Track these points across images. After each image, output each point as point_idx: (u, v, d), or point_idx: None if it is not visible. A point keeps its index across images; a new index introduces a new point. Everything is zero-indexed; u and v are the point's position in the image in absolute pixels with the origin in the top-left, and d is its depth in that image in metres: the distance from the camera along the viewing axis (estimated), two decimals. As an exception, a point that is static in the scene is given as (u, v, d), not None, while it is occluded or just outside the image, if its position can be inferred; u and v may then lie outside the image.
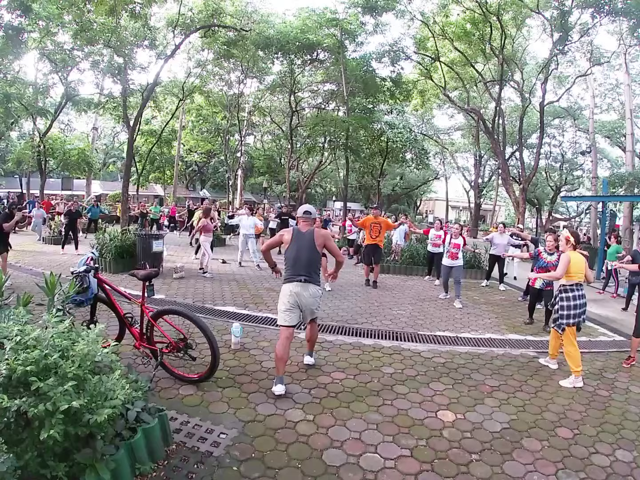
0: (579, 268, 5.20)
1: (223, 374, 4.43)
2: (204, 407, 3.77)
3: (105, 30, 15.98)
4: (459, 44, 23.28)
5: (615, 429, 4.03)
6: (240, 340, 5.34)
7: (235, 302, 7.60)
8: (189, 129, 36.00)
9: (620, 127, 29.30)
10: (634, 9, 17.19)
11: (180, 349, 4.10)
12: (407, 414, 3.94)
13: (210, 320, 6.28)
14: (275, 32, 23.11)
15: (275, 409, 3.82)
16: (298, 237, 4.43)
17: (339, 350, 5.48)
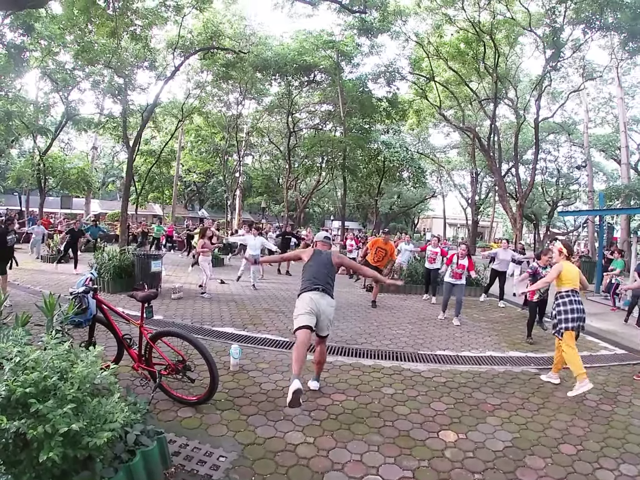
0: (572, 276, 5.35)
1: (222, 396, 4.37)
2: (202, 429, 3.73)
3: (106, 51, 16.26)
4: (453, 64, 23.72)
5: (619, 443, 3.99)
6: (239, 362, 5.29)
7: (234, 323, 7.53)
8: (187, 149, 36.30)
9: (615, 140, 29.64)
10: (625, 23, 17.57)
11: (179, 371, 4.07)
12: (409, 435, 3.89)
13: (209, 341, 6.23)
14: (272, 54, 23.54)
15: (275, 431, 3.78)
16: (317, 255, 4.74)
17: (339, 372, 5.42)
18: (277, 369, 5.33)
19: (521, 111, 24.65)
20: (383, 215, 43.63)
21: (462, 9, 19.99)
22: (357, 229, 39.97)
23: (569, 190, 38.70)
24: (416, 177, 31.27)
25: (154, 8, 15.55)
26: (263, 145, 38.92)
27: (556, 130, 32.65)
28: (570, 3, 18.11)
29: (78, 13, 13.14)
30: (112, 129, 24.81)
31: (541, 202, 38.03)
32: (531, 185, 23.84)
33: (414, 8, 21.47)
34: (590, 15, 18.38)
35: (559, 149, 37.34)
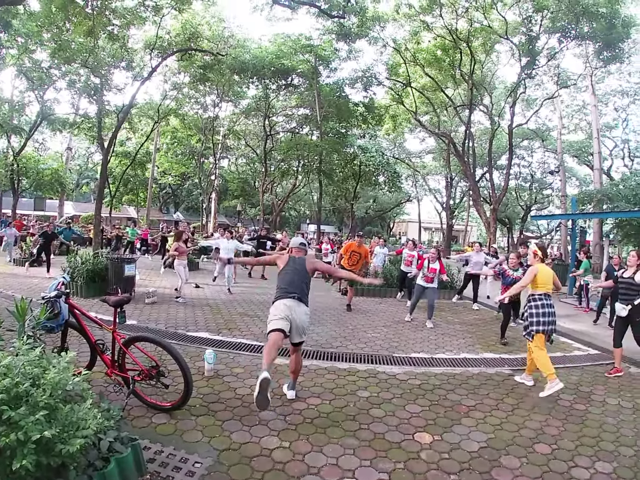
0: (546, 279, 5.42)
1: (196, 402, 4.33)
2: (177, 435, 3.69)
3: (83, 50, 16.00)
4: (430, 70, 24.02)
5: (594, 442, 4.09)
6: (214, 367, 5.24)
7: (209, 328, 7.45)
8: (163, 151, 35.94)
9: (588, 147, 30.48)
10: (600, 32, 18.08)
11: (153, 377, 4.02)
12: (384, 438, 3.91)
13: (183, 346, 6.16)
14: (250, 57, 23.50)
15: (251, 436, 3.76)
16: (292, 262, 4.71)
17: (314, 375, 5.42)
18: (252, 374, 5.28)
19: (496, 117, 25.15)
20: (359, 219, 43.87)
21: (440, 16, 20.28)
22: (333, 233, 40.10)
23: (542, 195, 39.64)
24: (392, 181, 31.54)
25: (133, 8, 15.35)
26: (239, 148, 38.79)
27: (530, 136, 33.40)
28: (547, 12, 18.59)
29: (56, 11, 12.90)
30: (87, 129, 24.39)
31: (515, 207, 38.82)
32: (505, 190, 24.30)
33: (393, 14, 21.68)
34: (566, 25, 18.90)
35: (532, 154, 38.33)
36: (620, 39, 19.20)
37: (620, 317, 6.17)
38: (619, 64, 23.41)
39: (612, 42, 19.11)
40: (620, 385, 5.83)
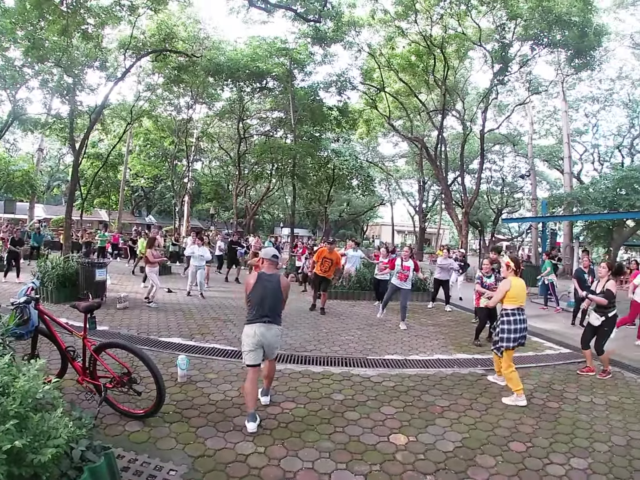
0: (520, 292, 5.41)
1: (170, 409, 4.29)
2: (151, 443, 3.65)
3: (57, 49, 15.66)
4: (404, 75, 24.21)
5: (568, 439, 4.18)
6: (187, 373, 5.20)
7: (181, 333, 7.37)
8: (136, 153, 35.26)
9: (558, 151, 31.22)
10: (572, 40, 18.48)
11: (125, 384, 3.97)
12: (360, 440, 3.94)
13: (156, 352, 6.09)
14: (225, 59, 23.32)
15: (225, 442, 3.74)
16: (264, 279, 4.48)
17: (288, 379, 5.42)
18: (225, 379, 5.27)
19: (468, 122, 25.59)
20: (333, 222, 44.02)
21: (415, 22, 20.45)
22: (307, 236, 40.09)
23: (513, 198, 40.45)
24: (365, 185, 31.75)
25: (108, 7, 15.03)
26: (213, 151, 38.45)
27: (501, 141, 34.05)
28: (520, 20, 18.89)
29: (30, 8, 12.60)
30: (59, 130, 23.81)
31: (486, 210, 39.48)
32: (476, 194, 24.68)
33: (368, 20, 21.79)
34: (538, 32, 19.25)
35: (504, 159, 39.06)
36: (592, 47, 19.68)
37: (592, 325, 6.35)
38: (590, 71, 24.11)
39: (584, 49, 19.57)
40: (592, 382, 5.99)
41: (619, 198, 19.96)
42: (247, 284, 4.54)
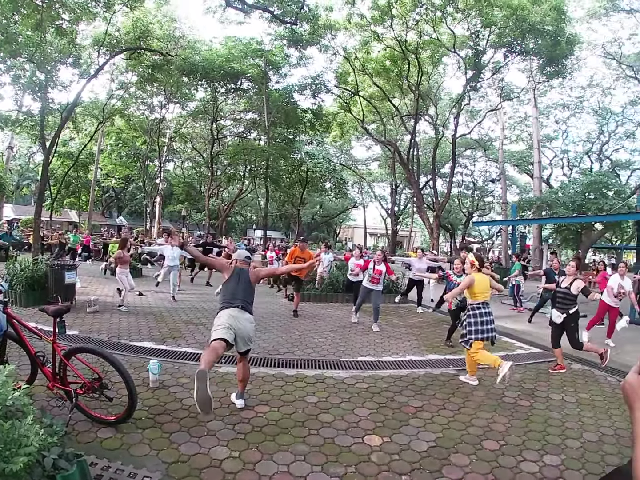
0: (484, 288, 5.62)
1: (142, 414, 4.22)
2: (124, 450, 3.58)
3: (30, 44, 15.25)
4: (378, 80, 24.41)
5: (540, 436, 4.27)
6: (159, 378, 5.12)
7: (153, 337, 7.25)
8: (107, 153, 34.64)
9: (528, 156, 31.92)
10: (545, 48, 18.94)
11: (96, 390, 3.88)
12: (334, 442, 3.94)
13: (127, 357, 5.99)
14: (200, 58, 23.19)
15: (199, 447, 3.70)
16: (237, 274, 4.68)
17: (262, 383, 5.39)
18: (198, 384, 5.23)
19: (440, 127, 25.95)
20: (305, 224, 44.07)
21: (391, 27, 20.64)
22: (279, 239, 40.02)
23: (483, 202, 41.23)
24: (338, 187, 31.94)
25: (84, 2, 14.76)
26: (185, 152, 38.03)
27: (473, 146, 34.67)
28: (495, 28, 19.24)
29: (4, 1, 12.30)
30: (29, 127, 23.21)
31: (457, 213, 40.14)
32: (447, 197, 25.10)
33: (344, 23, 21.89)
34: (512, 40, 19.68)
35: (475, 163, 39.82)
36: (564, 55, 20.23)
37: (555, 323, 6.53)
38: (562, 78, 24.87)
39: (556, 58, 20.11)
40: (563, 381, 6.15)
41: (587, 202, 20.52)
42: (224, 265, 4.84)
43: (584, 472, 3.66)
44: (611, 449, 4.11)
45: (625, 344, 8.54)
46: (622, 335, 8.90)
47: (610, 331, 8.67)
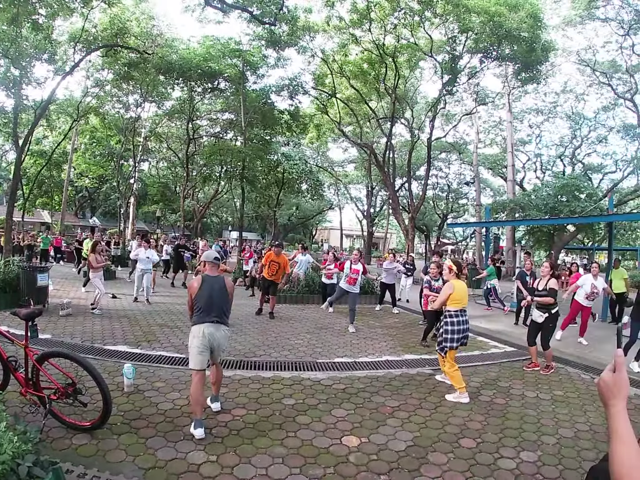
0: (462, 295, 5.62)
1: (118, 420, 4.16)
2: (100, 456, 3.53)
3: (5, 39, 14.86)
4: (355, 82, 24.46)
5: (517, 433, 4.36)
6: (134, 382, 5.05)
7: (127, 341, 7.15)
8: (81, 152, 33.89)
9: (502, 160, 32.52)
10: (520, 55, 19.23)
11: (70, 395, 3.82)
12: (312, 444, 3.95)
13: (101, 361, 5.90)
14: (178, 57, 22.88)
15: (176, 452, 3.67)
16: (209, 281, 4.48)
17: (238, 386, 5.37)
18: (174, 387, 5.17)
19: (416, 130, 26.23)
20: (282, 226, 43.97)
21: (369, 30, 20.69)
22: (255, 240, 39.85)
23: (458, 204, 41.78)
24: (314, 189, 31.90)
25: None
26: (161, 151, 37.45)
27: (448, 149, 35.09)
28: (472, 33, 19.45)
29: None
30: (2, 125, 22.58)
31: (432, 215, 40.58)
32: (422, 199, 25.33)
33: (323, 25, 21.86)
34: (488, 46, 19.92)
35: (449, 166, 40.29)
36: (539, 61, 20.56)
37: (535, 322, 6.67)
38: (536, 84, 25.18)
39: (531, 64, 20.43)
40: (537, 379, 6.28)
41: (560, 204, 20.99)
42: (191, 288, 4.51)
43: (561, 468, 3.74)
44: (587, 444, 4.22)
45: (598, 342, 8.80)
46: (595, 334, 9.23)
47: (582, 330, 8.93)
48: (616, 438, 1.15)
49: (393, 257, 12.08)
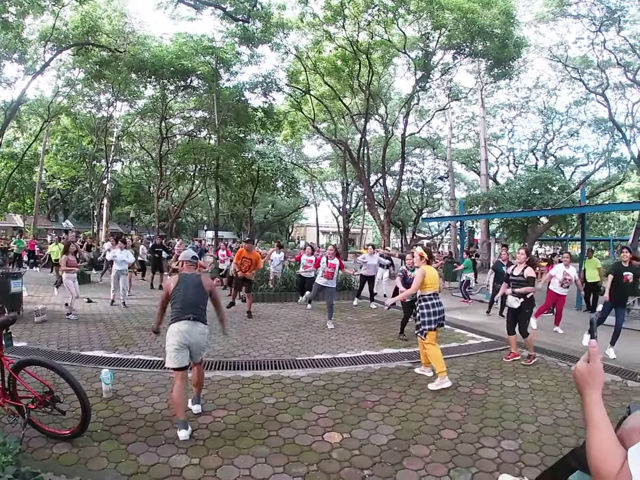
0: (434, 279, 5.80)
1: (97, 426, 4.11)
2: (82, 464, 3.49)
3: None
4: (329, 79, 24.53)
5: (497, 422, 4.44)
6: (112, 388, 4.98)
7: (104, 346, 7.06)
8: (52, 153, 33.16)
9: (475, 154, 32.98)
10: (493, 51, 19.58)
11: (48, 403, 3.76)
12: (294, 442, 3.96)
13: (78, 367, 5.82)
14: (150, 55, 22.64)
15: (158, 457, 3.64)
16: (185, 280, 4.49)
17: (218, 387, 5.35)
18: (153, 391, 5.13)
19: (390, 127, 26.44)
20: (258, 224, 43.75)
21: (343, 27, 20.75)
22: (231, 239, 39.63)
23: (432, 199, 42.17)
24: (290, 186, 31.84)
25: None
26: (134, 151, 36.83)
27: (422, 144, 35.37)
28: (445, 30, 19.67)
29: None
30: (-28, 127, 22.05)
31: (407, 210, 40.87)
32: (397, 195, 25.56)
33: (297, 22, 21.85)
34: (461, 42, 20.19)
35: (424, 161, 40.55)
36: (512, 57, 20.94)
37: (512, 308, 6.81)
38: (509, 80, 25.62)
39: (504, 60, 20.82)
40: (515, 368, 6.41)
41: (532, 197, 21.37)
42: (168, 287, 4.52)
43: (542, 455, 3.82)
44: (566, 430, 4.33)
45: (574, 330, 9.02)
46: (571, 322, 9.47)
47: (558, 319, 9.19)
48: (592, 426, 1.20)
49: (372, 249, 12.15)
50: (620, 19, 19.92)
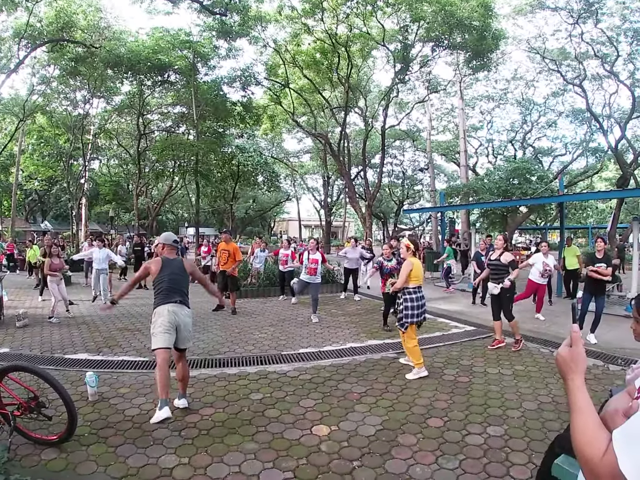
0: (419, 272, 5.82)
1: (85, 430, 4.08)
2: (70, 469, 3.47)
3: None
4: (308, 72, 24.48)
5: (482, 409, 4.52)
6: (97, 390, 4.93)
7: (87, 348, 6.98)
8: (28, 153, 32.43)
9: (455, 146, 33.06)
10: (471, 43, 19.76)
11: (33, 409, 3.72)
12: (283, 437, 3.99)
13: (62, 371, 5.76)
14: (126, 50, 22.25)
15: (147, 458, 3.63)
16: (168, 264, 4.53)
17: (204, 385, 5.35)
18: (139, 392, 5.10)
19: (370, 119, 26.47)
20: (239, 219, 43.59)
21: (322, 20, 20.72)
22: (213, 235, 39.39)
23: (413, 191, 42.43)
24: (270, 181, 31.79)
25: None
26: (111, 149, 36.18)
27: (402, 136, 35.48)
28: (423, 22, 19.76)
29: None
30: (-54, 128, 21.53)
31: (388, 202, 41.11)
32: (378, 187, 25.70)
33: (275, 15, 21.75)
34: (440, 35, 20.31)
35: (404, 153, 40.71)
36: (490, 49, 21.13)
37: (493, 294, 6.92)
38: (487, 72, 25.89)
39: (482, 52, 21.00)
40: (499, 355, 6.53)
41: (512, 187, 21.56)
42: (149, 269, 4.55)
43: (527, 440, 3.90)
44: (551, 415, 4.42)
45: (555, 316, 9.24)
46: (552, 309, 9.72)
47: (539, 306, 9.38)
48: (576, 410, 1.21)
49: (355, 242, 12.22)
50: (597, 11, 20.09)
